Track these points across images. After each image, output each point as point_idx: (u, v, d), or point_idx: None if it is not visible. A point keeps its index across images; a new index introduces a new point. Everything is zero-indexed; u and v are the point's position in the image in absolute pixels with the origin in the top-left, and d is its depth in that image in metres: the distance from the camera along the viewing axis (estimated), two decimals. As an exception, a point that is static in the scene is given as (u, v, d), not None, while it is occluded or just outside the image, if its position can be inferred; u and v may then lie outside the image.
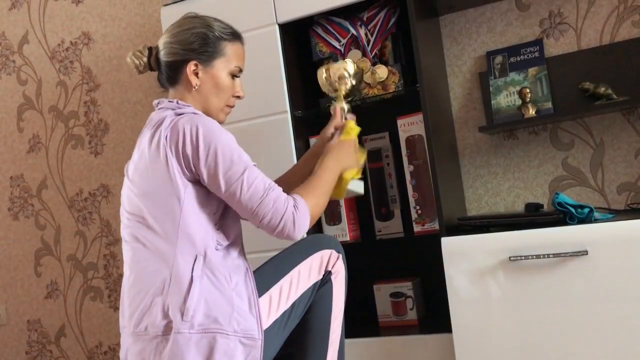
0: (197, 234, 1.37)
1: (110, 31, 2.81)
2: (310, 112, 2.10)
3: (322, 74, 1.73)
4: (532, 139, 2.08)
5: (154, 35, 2.70)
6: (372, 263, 2.23)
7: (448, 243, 1.73)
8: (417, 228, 1.95)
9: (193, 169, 1.37)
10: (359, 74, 1.73)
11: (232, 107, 1.58)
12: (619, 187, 1.98)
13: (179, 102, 1.48)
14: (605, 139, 2.00)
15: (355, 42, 2.01)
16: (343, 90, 1.70)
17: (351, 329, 1.97)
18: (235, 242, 1.46)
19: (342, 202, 2.03)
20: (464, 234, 1.74)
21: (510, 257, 1.64)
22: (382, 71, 1.96)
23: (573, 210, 1.63)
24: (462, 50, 2.16)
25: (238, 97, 1.57)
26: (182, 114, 1.42)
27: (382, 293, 2.04)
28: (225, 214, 1.44)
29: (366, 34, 1.99)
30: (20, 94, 3.02)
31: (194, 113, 1.43)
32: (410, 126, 1.95)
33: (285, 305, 1.46)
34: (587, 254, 1.56)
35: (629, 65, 1.92)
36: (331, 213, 2.05)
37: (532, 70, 2.02)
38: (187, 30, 1.50)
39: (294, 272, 1.48)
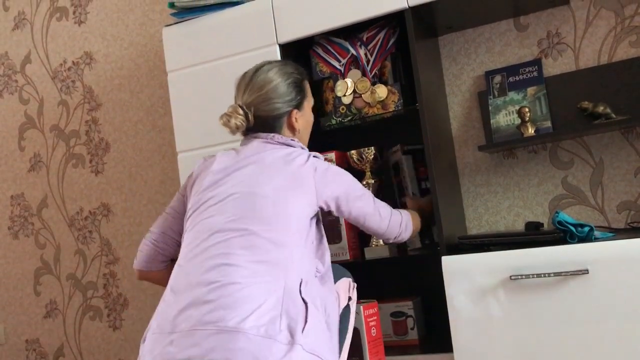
0: (303, 259, 1.43)
1: (112, 51, 2.83)
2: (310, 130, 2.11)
3: None
4: (531, 157, 2.08)
5: (156, 55, 2.73)
6: (373, 282, 2.22)
7: (448, 262, 1.73)
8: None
9: (326, 200, 1.52)
10: None
11: None
12: (618, 206, 1.98)
13: (294, 139, 1.62)
14: (604, 158, 2.00)
15: (355, 62, 2.03)
16: None
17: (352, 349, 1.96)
18: (329, 270, 1.53)
19: (342, 221, 2.03)
20: (465, 252, 1.74)
21: (510, 276, 1.64)
22: (381, 91, 1.97)
23: (573, 229, 1.63)
24: (461, 70, 2.18)
25: None
26: (309, 154, 1.56)
27: (383, 312, 2.03)
28: (321, 242, 1.54)
29: (366, 54, 2.01)
30: (22, 113, 3.04)
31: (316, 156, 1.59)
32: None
33: None
34: (587, 272, 1.56)
35: (626, 85, 1.93)
36: (332, 232, 2.05)
37: (531, 90, 2.04)
38: (281, 83, 1.61)
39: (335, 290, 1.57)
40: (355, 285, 1.68)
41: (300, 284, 1.36)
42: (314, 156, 1.55)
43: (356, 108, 2.01)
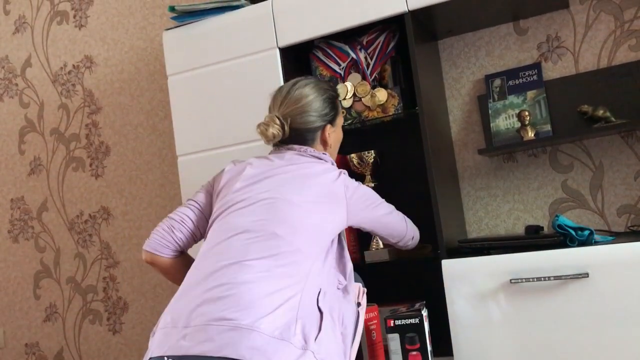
0: (323, 270, 1.44)
1: (112, 54, 2.84)
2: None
3: None
4: (531, 161, 2.08)
5: (156, 59, 2.73)
6: (373, 286, 2.22)
7: (448, 265, 1.73)
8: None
9: (358, 222, 1.60)
10: None
11: None
12: (619, 210, 1.98)
13: (325, 153, 1.67)
14: (604, 162, 2.00)
15: (355, 65, 2.03)
16: None
17: (352, 353, 1.96)
18: (350, 282, 1.55)
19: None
20: (465, 256, 1.74)
21: (511, 280, 1.64)
22: (381, 94, 1.98)
23: (573, 233, 1.63)
24: (461, 74, 2.18)
25: None
26: (340, 171, 1.61)
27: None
28: (342, 255, 1.57)
29: (366, 58, 2.01)
30: (22, 116, 3.04)
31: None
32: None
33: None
34: (587, 276, 1.56)
35: (626, 89, 1.94)
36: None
37: (530, 93, 2.04)
38: (317, 98, 1.66)
39: None
40: (365, 290, 1.69)
41: (319, 293, 1.38)
42: (343, 173, 1.60)
43: (356, 112, 2.02)
